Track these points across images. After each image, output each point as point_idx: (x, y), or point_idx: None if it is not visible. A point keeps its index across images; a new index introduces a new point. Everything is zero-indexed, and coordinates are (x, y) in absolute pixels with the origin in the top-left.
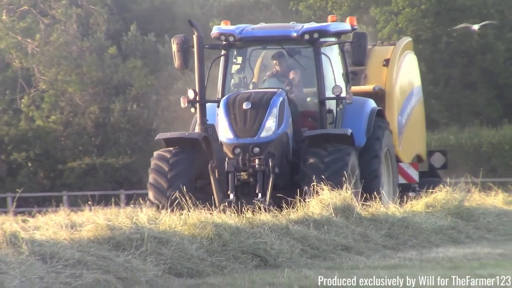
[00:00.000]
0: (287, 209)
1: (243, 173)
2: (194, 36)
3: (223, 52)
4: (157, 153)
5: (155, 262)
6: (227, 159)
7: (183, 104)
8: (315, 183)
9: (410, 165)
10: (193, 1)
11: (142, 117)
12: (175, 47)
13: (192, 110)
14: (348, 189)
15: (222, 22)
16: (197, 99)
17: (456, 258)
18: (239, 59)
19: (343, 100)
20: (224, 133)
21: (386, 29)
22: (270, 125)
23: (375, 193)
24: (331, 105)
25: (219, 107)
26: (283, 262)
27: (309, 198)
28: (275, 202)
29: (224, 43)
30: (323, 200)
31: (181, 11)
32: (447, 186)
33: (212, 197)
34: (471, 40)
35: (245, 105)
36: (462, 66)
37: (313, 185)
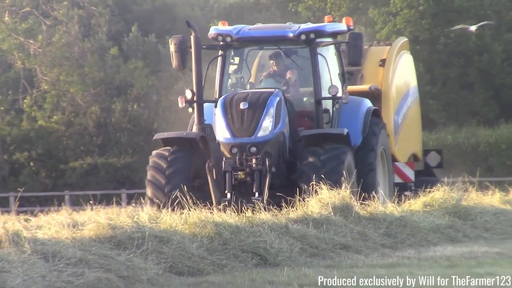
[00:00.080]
0: (287, 208)
1: (240, 173)
2: (191, 36)
3: (220, 52)
4: (155, 151)
5: (156, 260)
6: (224, 158)
7: (181, 104)
8: (313, 182)
9: (406, 164)
10: (194, 2)
11: (143, 117)
12: (173, 48)
13: (189, 110)
14: (347, 189)
15: (219, 22)
16: (195, 99)
17: (453, 256)
18: (236, 60)
19: (339, 100)
20: (221, 132)
21: (384, 30)
22: (267, 125)
23: (371, 187)
24: (327, 104)
25: (216, 107)
26: (282, 260)
27: (307, 197)
28: (275, 201)
29: (221, 43)
30: (322, 199)
31: (181, 12)
32: (445, 185)
33: (209, 196)
34: (468, 41)
35: (242, 105)
36: (459, 66)
37: (312, 184)
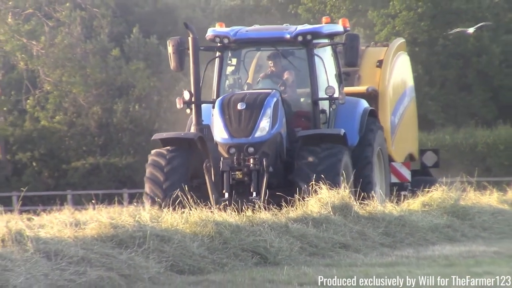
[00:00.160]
0: (286, 208)
1: (238, 173)
2: (189, 38)
3: (218, 53)
4: (154, 150)
5: (157, 259)
6: (222, 158)
7: (179, 105)
8: (311, 178)
9: (402, 164)
10: (195, 4)
11: (144, 118)
12: (170, 49)
13: (187, 111)
14: (346, 188)
15: (217, 24)
16: (193, 100)
17: (452, 256)
18: (234, 61)
19: (336, 100)
20: (219, 133)
21: (383, 32)
22: (264, 125)
23: (368, 181)
24: (324, 105)
25: (214, 107)
26: (282, 259)
27: (305, 196)
28: (274, 201)
29: (219, 45)
30: (322, 198)
31: (183, 14)
32: (443, 185)
33: (207, 196)
34: (467, 42)
35: (240, 106)
36: (458, 68)
37: (310, 184)
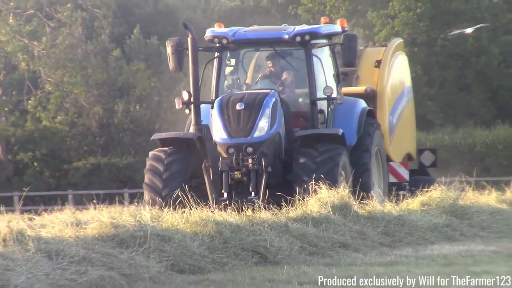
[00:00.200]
0: (286, 207)
1: (236, 172)
2: (188, 38)
3: (216, 54)
4: (152, 153)
5: (158, 259)
6: (221, 158)
7: (178, 105)
8: (308, 183)
9: (400, 164)
10: (196, 5)
11: (145, 118)
12: (169, 50)
13: (186, 111)
14: (345, 188)
15: (215, 25)
16: (192, 100)
17: (450, 255)
18: (232, 61)
19: (334, 100)
20: (218, 133)
21: (382, 32)
22: (263, 125)
23: (366, 187)
24: (323, 105)
25: (213, 108)
26: (282, 259)
27: (304, 196)
28: (274, 200)
29: (217, 45)
30: (321, 198)
31: (183, 15)
32: (442, 185)
33: (206, 196)
34: (466, 43)
35: (239, 106)
36: (457, 68)
37: (305, 187)
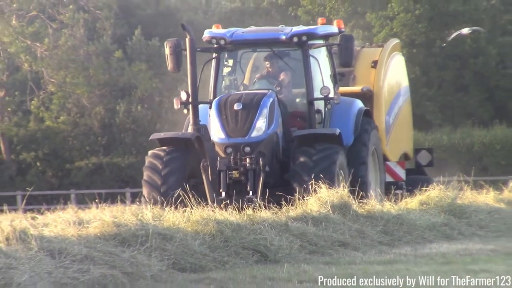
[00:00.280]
0: (286, 207)
1: (234, 172)
2: (186, 39)
3: (214, 55)
4: (151, 152)
5: (159, 257)
6: (219, 158)
7: (176, 105)
8: (306, 181)
9: (397, 163)
10: (197, 7)
11: (146, 118)
12: (168, 51)
13: (185, 111)
14: (344, 187)
15: (213, 26)
16: (190, 100)
17: (449, 253)
18: (230, 62)
19: (331, 100)
20: (216, 133)
21: (381, 33)
22: (260, 125)
23: (363, 181)
24: (320, 105)
25: (211, 108)
26: (282, 257)
27: (302, 196)
28: (274, 199)
29: (215, 46)
30: (321, 198)
31: (185, 17)
32: (440, 184)
33: (204, 195)
34: (464, 44)
35: (236, 106)
36: (455, 69)
37: (304, 185)
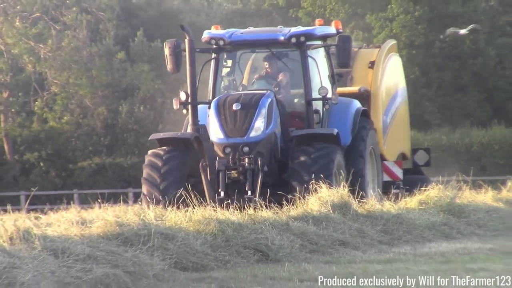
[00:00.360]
0: (287, 206)
1: (233, 172)
2: (185, 40)
3: (213, 55)
4: (151, 151)
5: (161, 257)
6: (218, 158)
7: (175, 106)
8: (304, 178)
9: (394, 163)
10: (200, 9)
11: (148, 119)
12: (167, 51)
13: (184, 111)
14: (345, 187)
15: (212, 26)
16: (189, 100)
17: (448, 252)
18: (229, 62)
19: (329, 100)
20: (215, 133)
21: (381, 35)
22: (259, 125)
23: (360, 173)
24: (318, 105)
25: (210, 108)
26: (283, 256)
27: (301, 195)
28: (275, 199)
29: (214, 47)
30: (321, 197)
31: (187, 18)
32: (439, 184)
33: (203, 195)
34: (463, 45)
35: (235, 106)
36: (454, 70)
37: (305, 185)
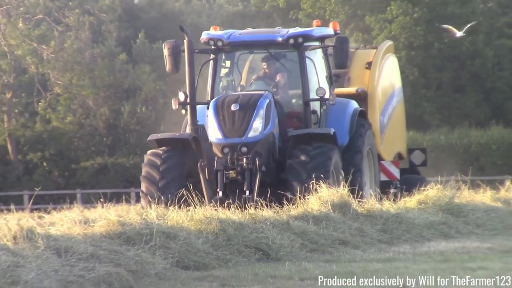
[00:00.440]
0: (287, 206)
1: (231, 172)
2: (184, 41)
3: (212, 56)
4: (150, 151)
5: (163, 255)
6: (216, 158)
7: (174, 106)
8: (303, 175)
9: (391, 163)
10: (201, 10)
11: (150, 119)
12: (166, 52)
13: (183, 112)
14: (345, 187)
15: (211, 27)
16: (188, 101)
17: (446, 251)
18: (228, 63)
19: (327, 101)
20: (213, 133)
21: (380, 36)
22: (257, 126)
23: (356, 168)
24: (315, 106)
25: (208, 108)
26: (284, 255)
27: (299, 193)
28: (275, 199)
29: (213, 47)
30: (322, 197)
31: (188, 19)
32: (438, 184)
33: (202, 194)
34: (461, 46)
35: (234, 107)
36: (452, 70)
37: (304, 184)
